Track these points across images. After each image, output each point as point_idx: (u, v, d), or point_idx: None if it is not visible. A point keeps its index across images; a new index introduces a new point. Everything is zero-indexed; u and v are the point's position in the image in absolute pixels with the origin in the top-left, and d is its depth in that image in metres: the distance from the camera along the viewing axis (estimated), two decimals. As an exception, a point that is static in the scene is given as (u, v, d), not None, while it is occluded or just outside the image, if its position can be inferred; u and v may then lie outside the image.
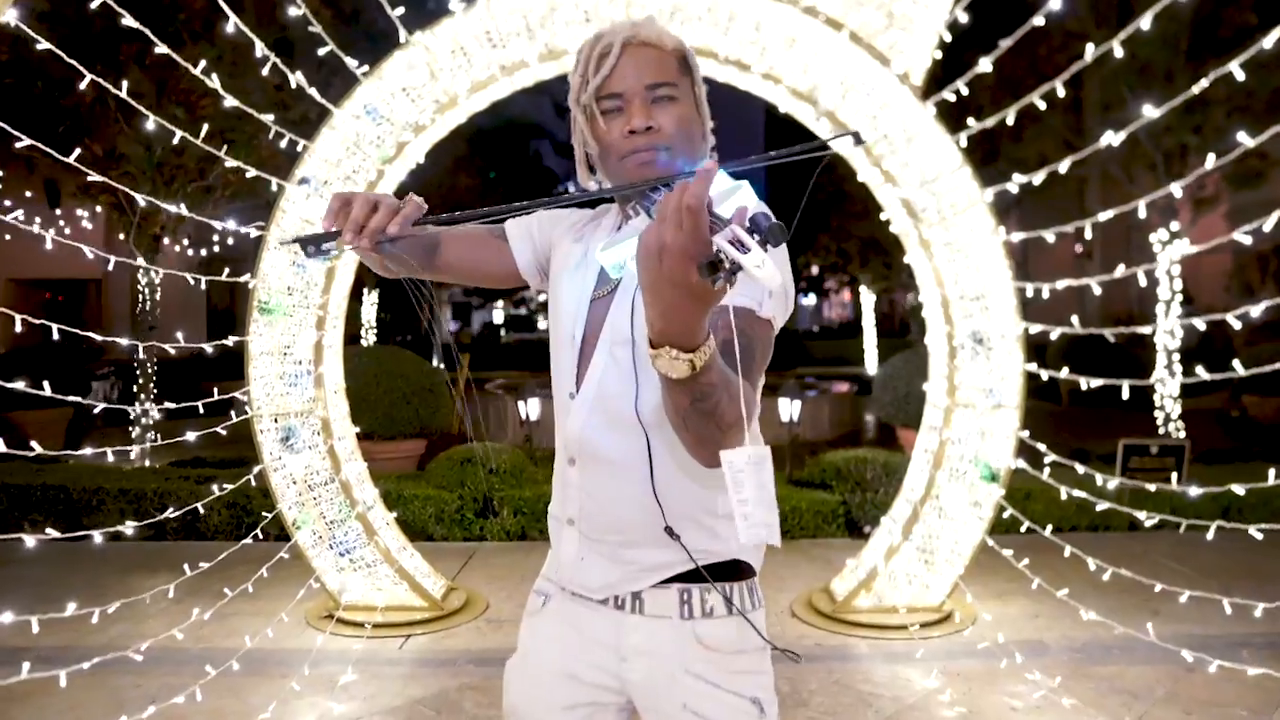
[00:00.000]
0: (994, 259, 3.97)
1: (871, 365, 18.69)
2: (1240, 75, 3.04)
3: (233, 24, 3.66)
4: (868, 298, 20.15)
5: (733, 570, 1.32)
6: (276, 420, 4.08)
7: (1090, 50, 3.50)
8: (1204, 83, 3.14)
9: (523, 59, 3.92)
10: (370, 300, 15.11)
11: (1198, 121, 8.07)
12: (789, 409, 6.21)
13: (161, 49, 3.54)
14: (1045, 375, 3.93)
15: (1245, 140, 2.95)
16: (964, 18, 3.85)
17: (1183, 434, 8.74)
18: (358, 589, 4.20)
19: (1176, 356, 8.88)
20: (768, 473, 0.99)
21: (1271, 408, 9.65)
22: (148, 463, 5.93)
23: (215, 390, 4.26)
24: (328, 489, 4.12)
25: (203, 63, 3.63)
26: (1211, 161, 3.16)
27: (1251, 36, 3.15)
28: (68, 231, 3.88)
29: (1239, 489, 3.29)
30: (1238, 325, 2.98)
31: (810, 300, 42.39)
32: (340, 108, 3.99)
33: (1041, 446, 3.86)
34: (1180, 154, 8.42)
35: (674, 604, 1.31)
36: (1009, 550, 3.80)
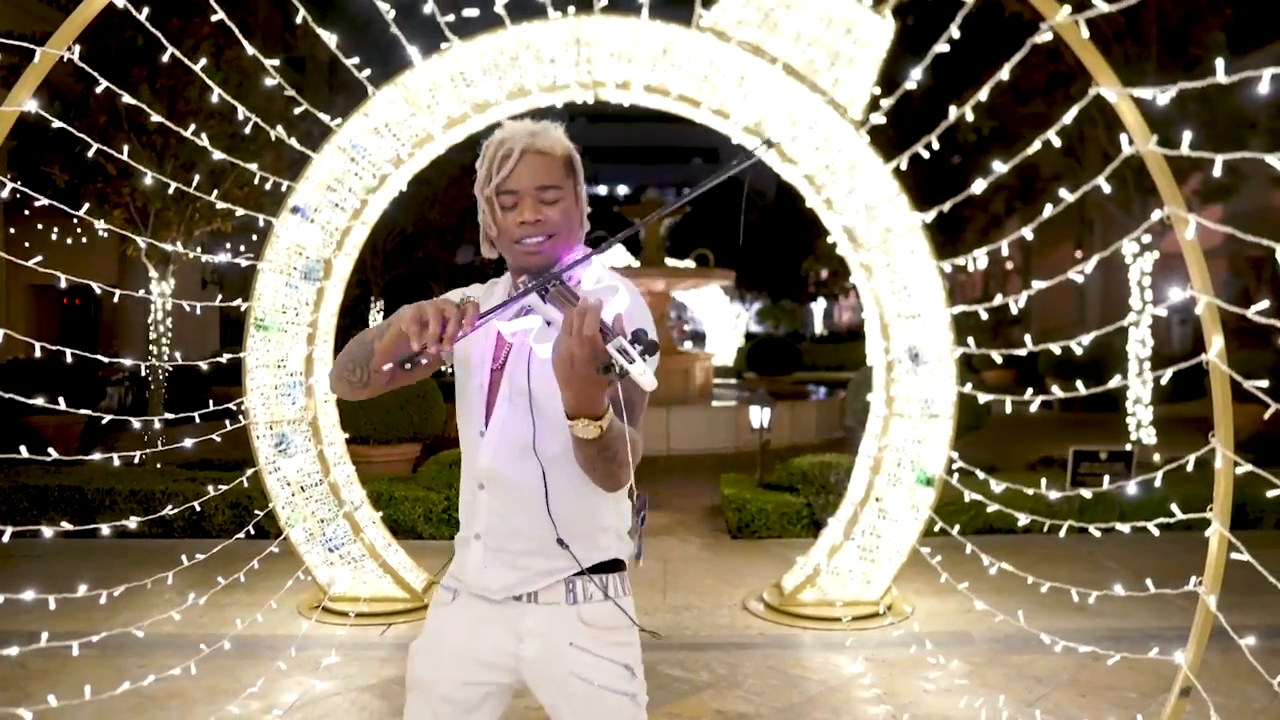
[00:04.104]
0: (929, 281, 4.29)
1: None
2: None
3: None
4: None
5: (608, 565, 1.68)
6: (271, 427, 4.46)
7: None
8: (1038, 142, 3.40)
9: (492, 97, 4.29)
10: (377, 309, 15.51)
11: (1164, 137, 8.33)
12: (759, 416, 6.55)
13: (168, 58, 3.73)
14: (978, 394, 4.23)
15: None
16: (948, 44, 4.12)
17: (1154, 439, 9.03)
18: (345, 582, 4.57)
19: (1147, 365, 9.16)
20: None
21: (1245, 415, 9.86)
22: (158, 465, 6.34)
23: (212, 397, 4.65)
24: (318, 490, 4.50)
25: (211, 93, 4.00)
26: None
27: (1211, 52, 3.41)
28: (84, 241, 4.26)
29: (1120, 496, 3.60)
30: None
31: (820, 305, 42.62)
32: (328, 142, 4.37)
33: (954, 454, 4.17)
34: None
35: (561, 593, 1.66)
36: (926, 548, 4.11)
